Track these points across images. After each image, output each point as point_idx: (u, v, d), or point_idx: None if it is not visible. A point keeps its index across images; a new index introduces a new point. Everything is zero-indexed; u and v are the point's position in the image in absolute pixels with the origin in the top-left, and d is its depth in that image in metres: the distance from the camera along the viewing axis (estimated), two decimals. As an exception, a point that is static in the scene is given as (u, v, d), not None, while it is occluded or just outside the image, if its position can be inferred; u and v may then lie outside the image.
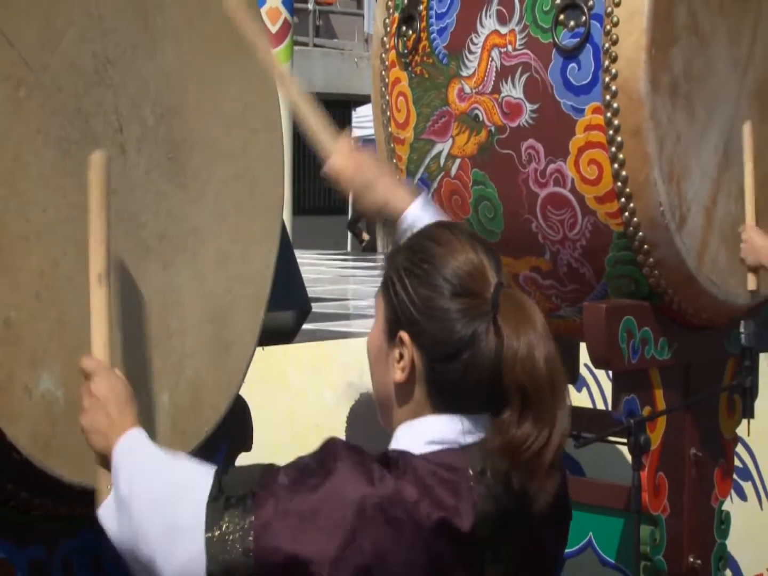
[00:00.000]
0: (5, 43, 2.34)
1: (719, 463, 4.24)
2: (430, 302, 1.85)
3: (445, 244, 1.89)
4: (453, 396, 1.86)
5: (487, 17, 3.89)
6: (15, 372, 2.35)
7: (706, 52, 3.90)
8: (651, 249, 3.81)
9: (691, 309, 3.98)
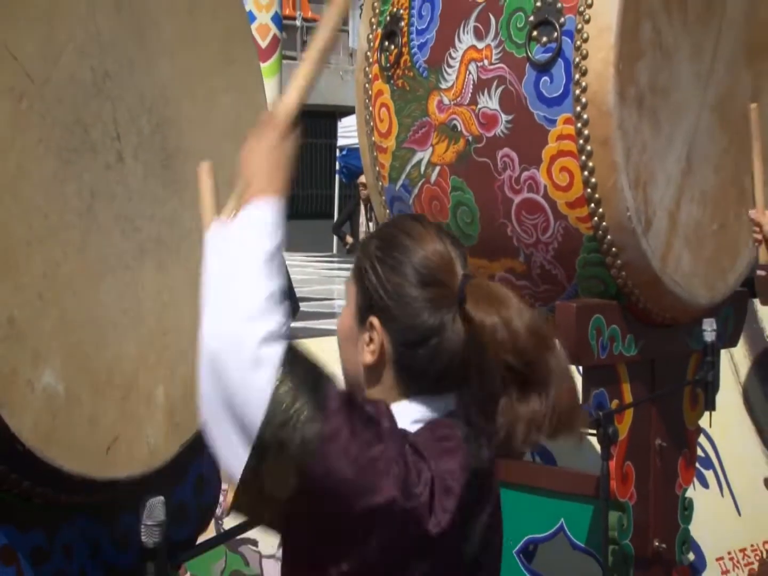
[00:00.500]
0: (9, 56, 2.33)
1: (683, 453, 4.26)
2: (400, 289, 1.85)
3: (416, 235, 1.89)
4: (420, 379, 1.86)
5: (465, 33, 3.90)
6: (18, 367, 2.35)
7: (670, 66, 3.91)
8: (618, 251, 3.82)
9: (656, 308, 3.99)
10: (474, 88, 3.87)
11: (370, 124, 4.17)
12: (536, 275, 3.96)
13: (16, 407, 2.34)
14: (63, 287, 2.43)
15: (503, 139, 3.84)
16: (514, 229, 3.89)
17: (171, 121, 2.66)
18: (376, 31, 4.14)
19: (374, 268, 1.88)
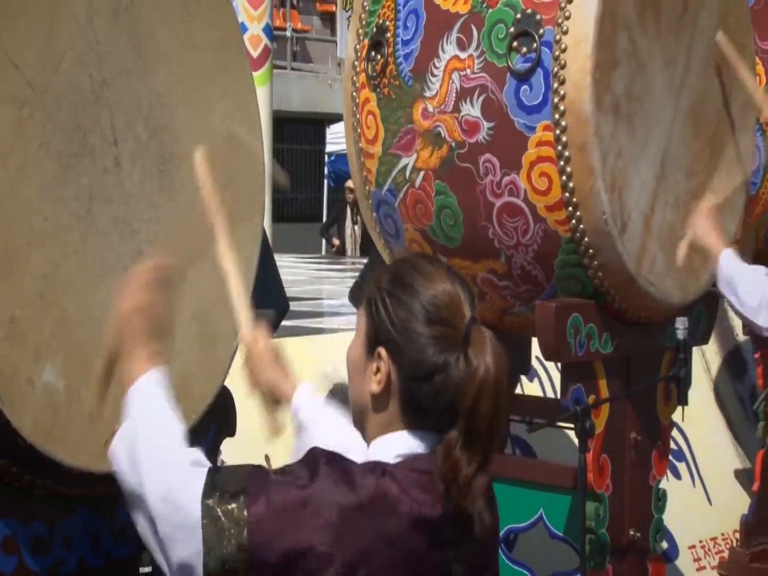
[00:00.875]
0: (10, 65, 2.33)
1: (656, 446, 4.26)
2: (407, 324, 1.84)
3: (426, 274, 1.88)
4: (424, 413, 1.85)
5: (448, 43, 3.90)
6: (20, 365, 2.34)
7: (644, 75, 3.92)
8: (595, 253, 3.82)
9: (631, 307, 3.99)
10: (457, 96, 3.87)
11: (357, 131, 4.17)
12: (517, 276, 3.96)
13: (17, 404, 2.33)
14: (63, 287, 2.42)
15: (485, 146, 3.84)
16: (496, 232, 3.89)
17: (167, 127, 2.65)
18: (363, 42, 4.13)
19: (384, 301, 1.87)
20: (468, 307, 1.87)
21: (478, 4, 3.86)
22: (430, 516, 1.79)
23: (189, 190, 2.70)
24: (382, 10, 4.08)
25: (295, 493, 1.76)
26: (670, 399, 4.28)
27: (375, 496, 1.77)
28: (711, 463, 6.13)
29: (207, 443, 2.82)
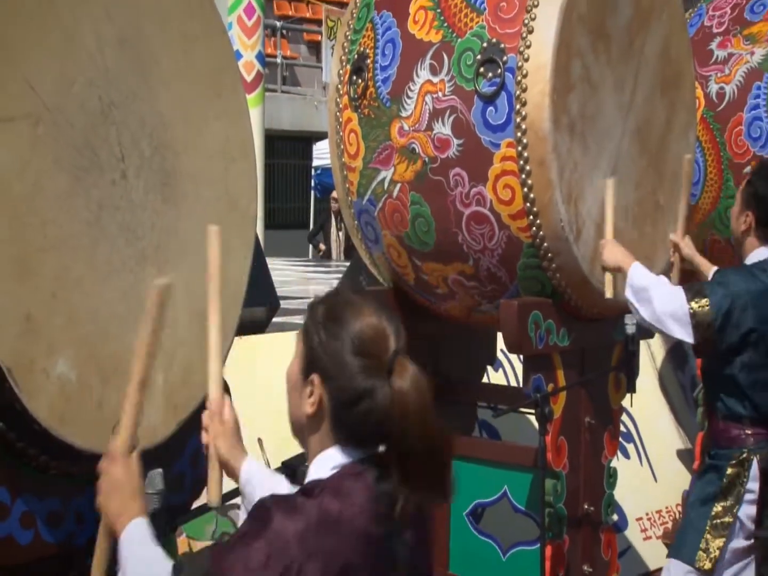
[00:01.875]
0: (28, 87, 2.32)
1: (608, 429, 4.27)
2: (337, 355, 1.82)
3: (356, 308, 1.86)
4: (352, 433, 1.83)
5: (422, 69, 3.90)
6: (35, 358, 2.33)
7: (596, 98, 3.93)
8: (554, 256, 3.82)
9: (585, 305, 4.00)
10: (430, 116, 3.87)
11: (340, 147, 4.17)
12: (483, 277, 3.97)
13: (33, 392, 2.32)
14: (73, 288, 2.41)
15: (455, 160, 3.84)
16: (465, 238, 3.89)
17: (168, 144, 2.65)
18: (346, 67, 4.13)
19: (318, 332, 1.85)
20: (393, 340, 1.84)
21: (448, 33, 3.87)
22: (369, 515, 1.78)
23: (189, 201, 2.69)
24: (362, 39, 4.08)
25: (255, 547, 1.73)
26: (620, 387, 4.29)
27: (321, 515, 1.74)
28: (656, 444, 6.15)
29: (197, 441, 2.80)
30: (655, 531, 5.81)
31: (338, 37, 4.26)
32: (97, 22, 2.47)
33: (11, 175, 2.29)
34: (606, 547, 4.25)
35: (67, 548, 2.53)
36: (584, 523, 4.16)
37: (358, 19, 4.14)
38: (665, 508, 5.93)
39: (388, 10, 4.03)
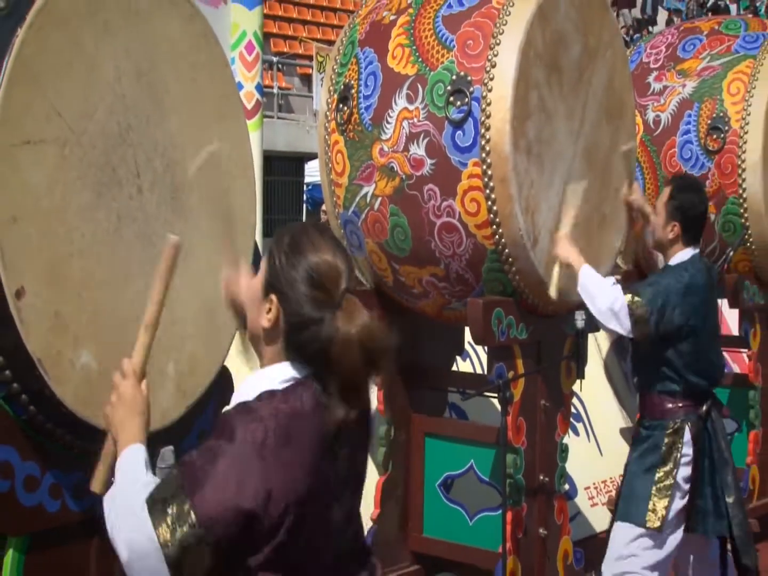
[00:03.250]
0: (55, 114, 2.31)
1: (560, 410, 4.28)
2: (294, 283, 1.78)
3: (316, 244, 1.81)
4: (301, 352, 1.79)
5: (399, 98, 3.90)
6: (63, 350, 2.32)
7: (551, 124, 3.93)
8: (513, 261, 3.83)
9: (541, 303, 4.01)
10: (406, 139, 3.87)
11: (329, 166, 4.16)
12: (453, 279, 3.97)
13: (61, 380, 2.32)
14: (96, 289, 2.40)
15: (428, 177, 3.84)
16: (437, 245, 3.89)
17: (178, 163, 2.64)
18: (333, 97, 4.13)
19: (280, 259, 1.81)
20: (345, 279, 1.80)
21: (422, 67, 3.87)
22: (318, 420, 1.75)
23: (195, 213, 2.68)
24: (348, 72, 4.08)
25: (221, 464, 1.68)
26: (570, 374, 4.30)
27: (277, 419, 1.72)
28: (601, 423, 6.16)
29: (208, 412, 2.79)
30: (600, 498, 5.82)
31: (327, 71, 4.26)
32: (116, 57, 2.46)
33: (42, 190, 2.28)
34: (558, 512, 4.26)
35: (90, 515, 2.52)
36: (540, 492, 4.17)
37: (344, 55, 4.14)
38: (609, 478, 5.94)
39: (370, 47, 4.03)
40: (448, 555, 4.30)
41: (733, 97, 5.26)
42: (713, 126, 5.24)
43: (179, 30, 2.64)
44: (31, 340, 2.25)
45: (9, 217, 2.22)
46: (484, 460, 4.16)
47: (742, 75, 5.29)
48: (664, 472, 3.72)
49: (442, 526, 4.30)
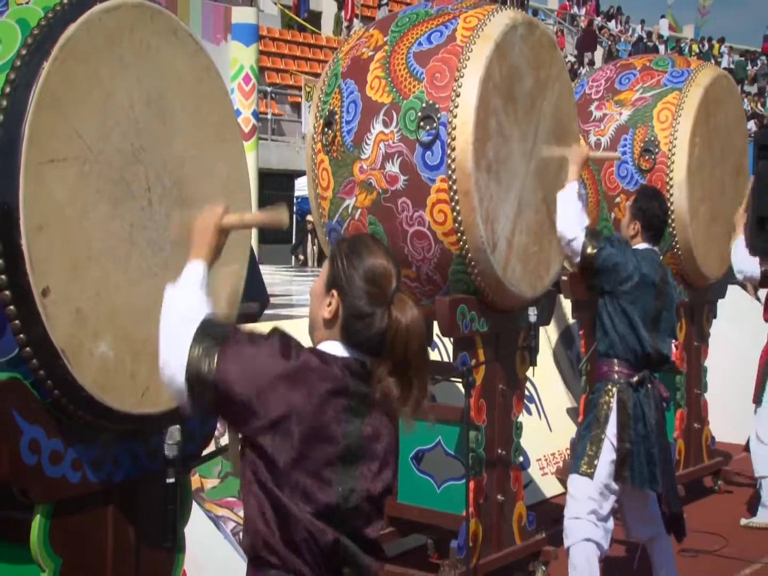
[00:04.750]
0: (76, 136, 2.29)
1: (516, 393, 4.30)
2: (352, 281, 1.83)
3: (371, 248, 1.87)
4: (354, 339, 1.85)
5: (377, 123, 3.90)
6: (83, 342, 2.31)
7: (507, 146, 3.95)
8: (476, 264, 3.84)
9: (499, 300, 4.02)
10: (383, 158, 3.88)
11: (315, 182, 4.16)
12: (423, 280, 3.98)
13: (81, 367, 2.30)
14: (112, 288, 2.39)
15: (402, 192, 3.85)
16: (409, 250, 3.90)
17: (184, 179, 2.62)
18: (319, 121, 4.12)
19: (342, 260, 1.86)
20: (395, 279, 1.86)
21: (396, 96, 3.87)
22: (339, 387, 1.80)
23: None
24: (332, 100, 4.08)
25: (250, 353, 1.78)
26: (524, 361, 4.32)
27: (302, 366, 1.78)
28: (551, 404, 6.20)
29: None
30: (550, 469, 5.85)
31: (313, 99, 4.25)
32: (129, 87, 2.44)
33: (65, 202, 2.27)
34: (514, 481, 4.28)
35: (106, 486, 2.51)
36: (498, 464, 4.19)
37: (328, 86, 4.14)
38: (557, 451, 5.98)
39: (351, 79, 4.03)
40: (419, 518, 4.31)
41: (662, 124, 5.30)
42: (645, 148, 5.28)
43: (185, 64, 2.62)
44: (56, 333, 2.24)
45: (36, 225, 2.20)
46: (450, 436, 4.17)
47: (669, 105, 5.34)
48: (596, 427, 3.78)
49: (413, 493, 4.31)
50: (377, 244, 1.90)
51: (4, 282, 2.19)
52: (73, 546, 2.41)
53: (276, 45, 19.24)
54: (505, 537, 4.22)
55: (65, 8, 2.32)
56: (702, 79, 5.39)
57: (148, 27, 2.49)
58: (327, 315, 1.85)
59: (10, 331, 2.21)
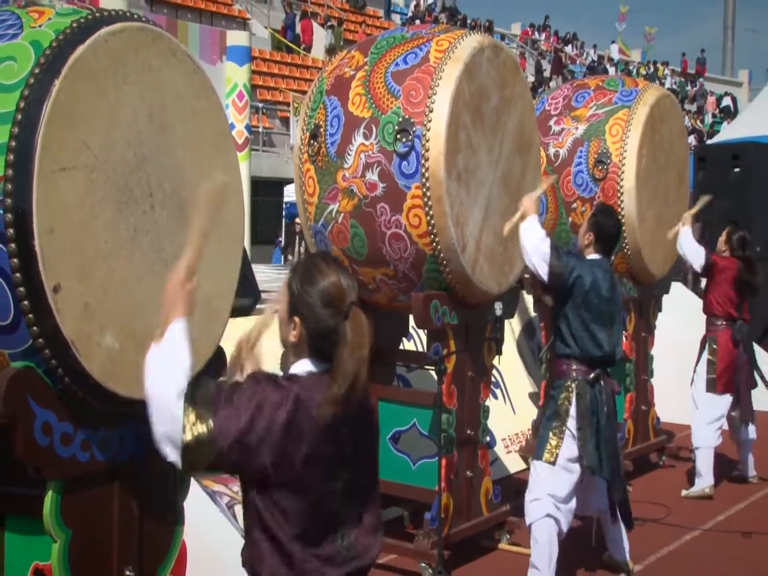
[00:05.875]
0: (84, 146, 2.28)
1: (483, 380, 4.31)
2: (311, 307, 1.80)
3: (323, 270, 1.83)
4: (319, 354, 1.81)
5: (358, 135, 3.90)
6: (91, 334, 2.29)
7: (475, 157, 3.96)
8: (447, 264, 3.85)
9: (468, 296, 4.03)
10: (363, 167, 3.87)
11: (302, 189, 4.15)
12: (400, 277, 3.98)
13: (90, 357, 2.28)
14: (118, 285, 2.37)
15: (381, 198, 3.85)
16: (387, 250, 3.90)
17: (183, 185, 2.61)
18: (306, 134, 4.11)
19: (298, 288, 1.82)
20: (349, 294, 1.81)
21: (376, 111, 3.87)
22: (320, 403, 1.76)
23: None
24: (317, 114, 4.07)
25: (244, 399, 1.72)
26: (491, 351, 4.34)
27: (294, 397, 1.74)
28: (515, 389, 6.23)
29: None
30: (513, 447, 5.88)
31: (300, 114, 4.24)
32: (133, 102, 2.42)
33: (74, 207, 2.25)
34: (481, 458, 4.30)
35: (112, 464, 2.49)
36: (467, 443, 4.20)
37: (314, 102, 4.13)
38: (520, 431, 6.00)
39: (334, 95, 4.02)
40: (397, 492, 4.32)
41: (613, 138, 5.34)
42: (599, 160, 5.32)
43: (184, 81, 2.61)
44: (66, 326, 2.22)
45: (48, 228, 2.18)
46: (425, 418, 4.18)
47: (620, 121, 5.38)
48: (558, 420, 3.78)
49: (391, 470, 4.31)
50: (329, 263, 1.85)
51: (18, 280, 2.17)
52: (82, 519, 2.39)
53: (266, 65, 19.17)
54: (474, 509, 4.24)
55: (74, 31, 2.30)
56: (648, 98, 5.44)
57: (150, 48, 2.47)
58: (293, 339, 1.82)
59: (25, 325, 2.20)
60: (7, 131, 2.18)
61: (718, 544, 4.53)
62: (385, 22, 24.19)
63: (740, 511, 5.06)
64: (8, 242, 2.16)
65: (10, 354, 2.25)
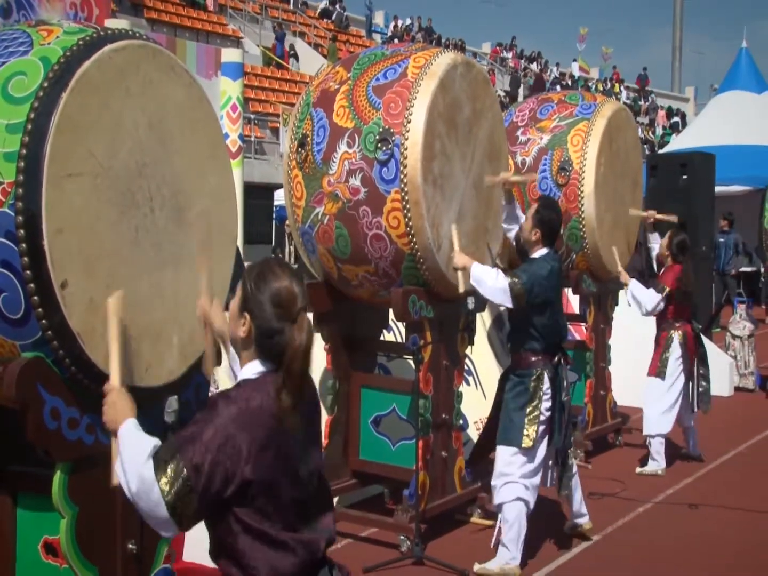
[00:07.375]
0: (90, 154, 2.26)
1: (457, 368, 4.33)
2: (261, 305, 1.74)
3: (276, 274, 1.77)
4: (267, 354, 1.75)
5: (342, 144, 3.89)
6: (95, 326, 2.28)
7: (450, 164, 3.97)
8: (424, 262, 3.86)
9: (443, 291, 4.05)
10: (347, 173, 3.87)
11: (291, 193, 4.14)
12: (381, 274, 3.98)
13: (94, 348, 2.27)
14: (120, 281, 2.36)
15: (363, 201, 3.85)
16: (369, 250, 3.90)
17: (181, 190, 2.60)
18: (294, 143, 4.10)
19: (251, 287, 1.77)
20: (300, 299, 1.75)
21: (358, 122, 3.87)
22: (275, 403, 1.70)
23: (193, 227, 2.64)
24: (304, 125, 4.06)
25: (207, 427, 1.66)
26: (464, 341, 4.36)
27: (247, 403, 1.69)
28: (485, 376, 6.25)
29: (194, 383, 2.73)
30: (485, 429, 5.90)
31: (289, 124, 4.23)
32: (134, 113, 2.41)
33: (80, 209, 2.24)
34: (455, 440, 4.32)
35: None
36: (442, 426, 4.22)
37: (301, 113, 4.12)
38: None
39: (320, 107, 4.01)
40: (377, 472, 4.33)
41: (575, 147, 5.38)
42: (561, 167, 5.36)
43: (182, 94, 2.60)
44: (73, 319, 2.21)
45: (56, 229, 2.17)
46: (403, 404, 4.20)
47: (580, 131, 5.42)
48: (532, 406, 3.78)
49: (372, 451, 4.33)
50: (283, 268, 1.78)
51: (29, 276, 2.16)
52: (88, 496, 2.38)
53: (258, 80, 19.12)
54: (448, 486, 4.26)
55: (81, 48, 2.30)
56: (606, 111, 5.49)
57: (151, 64, 2.46)
58: (242, 334, 1.76)
59: (35, 318, 2.19)
60: (18, 140, 2.16)
61: (668, 515, 4.59)
62: (367, 40, 24.18)
63: (687, 486, 5.13)
64: (19, 242, 2.15)
65: (21, 345, 2.24)
